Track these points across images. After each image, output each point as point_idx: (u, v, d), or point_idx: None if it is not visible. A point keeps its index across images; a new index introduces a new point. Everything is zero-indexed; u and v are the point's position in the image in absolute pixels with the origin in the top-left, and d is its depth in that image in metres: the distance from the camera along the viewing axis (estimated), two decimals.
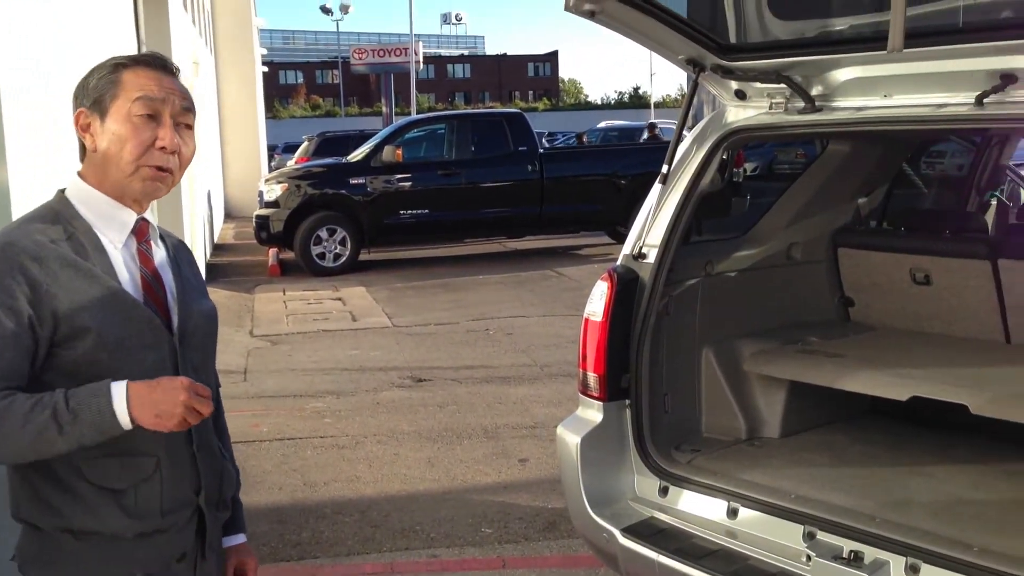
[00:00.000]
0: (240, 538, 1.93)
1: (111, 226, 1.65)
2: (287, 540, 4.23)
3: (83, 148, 1.67)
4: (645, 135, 20.85)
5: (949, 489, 2.82)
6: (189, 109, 1.68)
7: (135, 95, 1.62)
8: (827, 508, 2.59)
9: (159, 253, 1.73)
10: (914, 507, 2.68)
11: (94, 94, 1.64)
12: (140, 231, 1.69)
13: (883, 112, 2.78)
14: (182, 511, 1.69)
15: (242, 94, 22.53)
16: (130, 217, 1.67)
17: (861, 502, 2.67)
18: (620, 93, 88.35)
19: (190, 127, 1.69)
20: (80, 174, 1.68)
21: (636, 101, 75.91)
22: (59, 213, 1.64)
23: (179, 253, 1.80)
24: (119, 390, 1.50)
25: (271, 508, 4.60)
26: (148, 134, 1.62)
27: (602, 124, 31.22)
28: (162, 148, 1.63)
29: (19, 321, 1.52)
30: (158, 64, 1.68)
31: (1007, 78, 2.45)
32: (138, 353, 1.60)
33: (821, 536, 2.48)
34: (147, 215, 1.71)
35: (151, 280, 1.67)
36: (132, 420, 1.50)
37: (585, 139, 24.58)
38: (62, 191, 1.68)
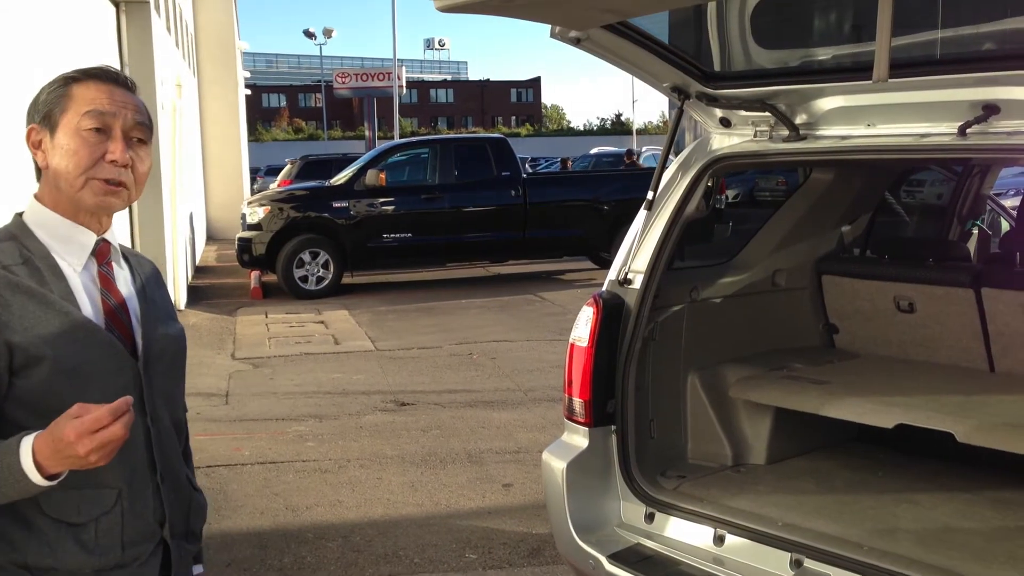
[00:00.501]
0: (197, 569, 1.86)
1: (70, 249, 1.60)
2: (269, 565, 4.18)
3: (39, 168, 1.62)
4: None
5: (936, 517, 2.82)
6: (143, 123, 1.63)
7: (84, 109, 1.57)
8: (814, 535, 2.58)
9: (122, 274, 1.67)
10: (901, 535, 2.68)
11: (44, 109, 1.59)
12: (100, 253, 1.63)
13: (867, 141, 2.81)
14: (145, 544, 1.62)
15: (225, 116, 22.53)
16: (89, 239, 1.61)
17: (848, 530, 2.67)
18: (602, 120, 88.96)
19: (144, 141, 1.63)
20: (36, 196, 1.62)
21: (618, 128, 76.44)
22: (15, 237, 1.58)
23: (146, 274, 1.74)
24: (27, 447, 1.41)
25: (253, 532, 4.55)
26: (98, 148, 1.57)
27: (595, 150, 31.38)
28: (112, 161, 1.57)
29: None
30: (110, 77, 1.62)
31: (989, 108, 2.48)
32: (99, 380, 1.54)
33: (808, 564, 2.48)
34: (108, 236, 1.65)
35: (113, 303, 1.61)
36: (52, 475, 1.42)
37: (571, 164, 24.65)
38: (19, 214, 1.62)
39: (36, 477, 1.41)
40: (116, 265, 1.66)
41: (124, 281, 1.66)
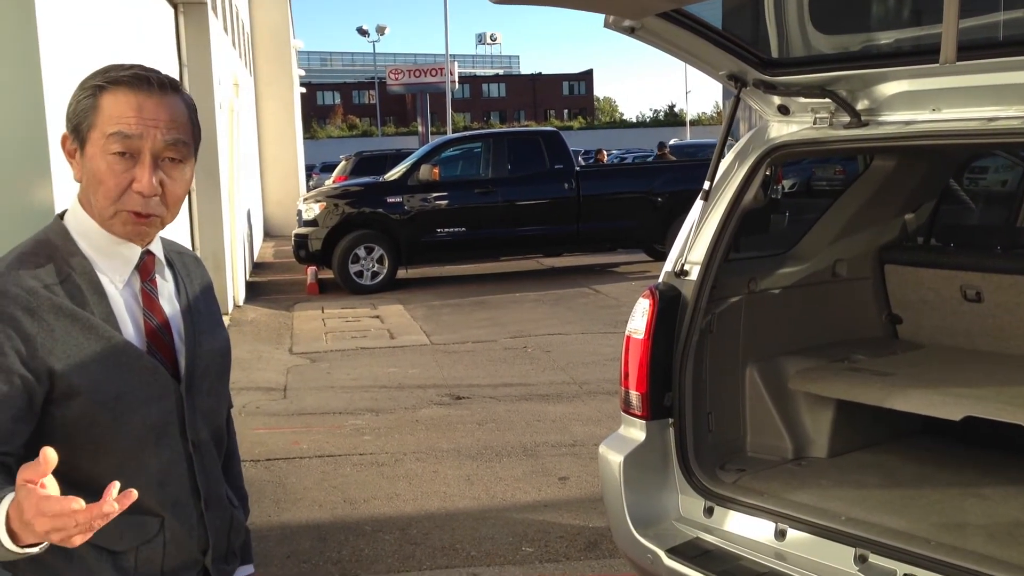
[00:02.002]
0: (247, 569, 1.77)
1: (112, 264, 1.49)
2: (327, 557, 4.22)
3: None
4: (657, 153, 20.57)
5: (1006, 511, 2.75)
6: (176, 142, 1.46)
7: (109, 129, 1.42)
8: (879, 530, 2.53)
9: (166, 288, 1.57)
10: (970, 530, 2.61)
11: (74, 120, 1.46)
12: (144, 268, 1.52)
13: (932, 126, 2.73)
14: (186, 572, 1.56)
15: (281, 114, 22.84)
16: (133, 253, 1.50)
17: (915, 524, 2.60)
18: (655, 111, 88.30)
19: (179, 160, 1.48)
20: (79, 199, 1.51)
21: (672, 119, 75.80)
22: (55, 248, 1.47)
23: (191, 280, 1.64)
24: (1, 510, 1.25)
25: (311, 525, 4.61)
26: (124, 175, 1.43)
27: (673, 141, 30.94)
28: (139, 192, 1.44)
29: (10, 381, 1.37)
30: (141, 84, 1.45)
31: None
32: (141, 409, 1.47)
33: (873, 559, 2.42)
34: (153, 247, 1.55)
35: (156, 324, 1.52)
36: (28, 544, 1.25)
37: (605, 157, 23.91)
38: (61, 216, 1.52)
39: (8, 543, 1.24)
40: (160, 278, 1.56)
41: (168, 296, 1.57)
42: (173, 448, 1.52)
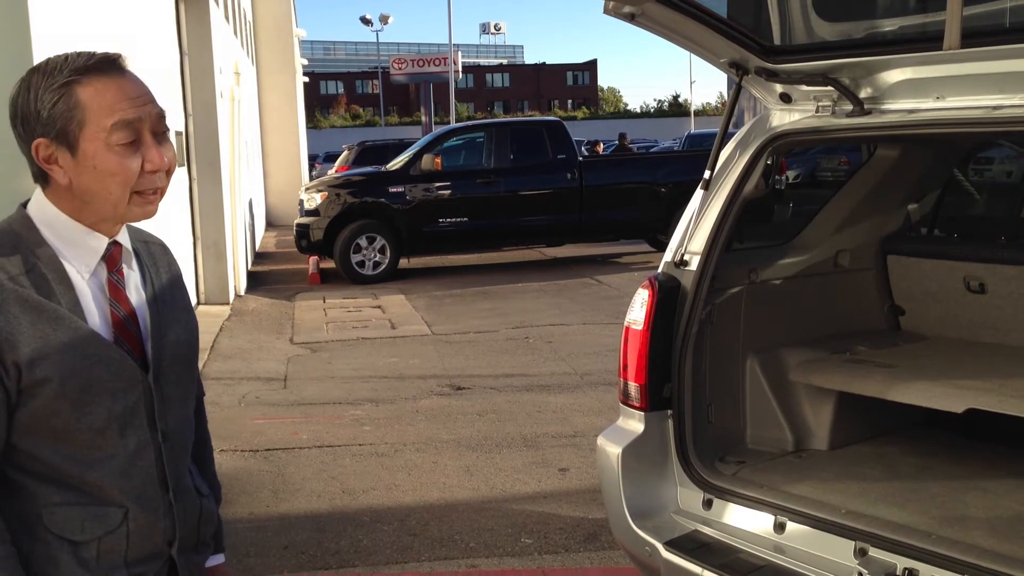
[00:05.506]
0: (217, 559, 1.75)
1: (78, 253, 1.47)
2: (325, 548, 4.21)
3: (42, 174, 1.46)
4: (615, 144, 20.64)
5: (1007, 504, 2.72)
6: (162, 114, 1.48)
7: (108, 121, 1.40)
8: (880, 523, 2.50)
9: (133, 278, 1.55)
10: (971, 523, 2.58)
11: (54, 124, 1.41)
12: (111, 258, 1.50)
13: (935, 114, 2.69)
14: (151, 563, 1.53)
15: (283, 104, 22.81)
16: (100, 243, 1.49)
17: (915, 517, 2.58)
18: (660, 101, 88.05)
19: (165, 131, 1.50)
20: (46, 195, 1.48)
21: (676, 109, 75.57)
22: (20, 239, 1.44)
23: (158, 268, 1.62)
24: None
25: (310, 515, 4.59)
26: (135, 161, 1.43)
27: (687, 132, 31.03)
28: (153, 172, 1.45)
29: None
30: (110, 67, 1.43)
31: None
32: (107, 400, 1.45)
33: (873, 552, 2.39)
34: (120, 237, 1.53)
35: (122, 314, 1.50)
36: None
37: (601, 149, 23.70)
38: (24, 205, 1.49)
39: None
40: (127, 268, 1.55)
41: (135, 286, 1.55)
42: (140, 438, 1.50)
